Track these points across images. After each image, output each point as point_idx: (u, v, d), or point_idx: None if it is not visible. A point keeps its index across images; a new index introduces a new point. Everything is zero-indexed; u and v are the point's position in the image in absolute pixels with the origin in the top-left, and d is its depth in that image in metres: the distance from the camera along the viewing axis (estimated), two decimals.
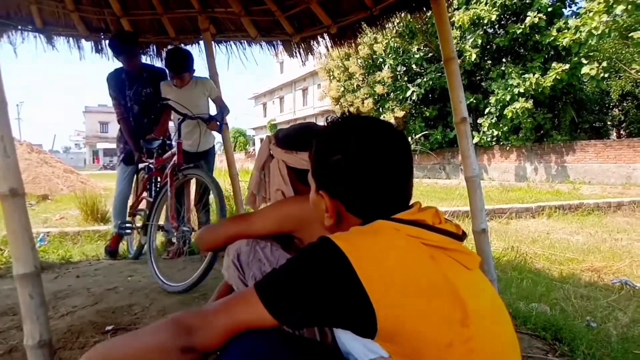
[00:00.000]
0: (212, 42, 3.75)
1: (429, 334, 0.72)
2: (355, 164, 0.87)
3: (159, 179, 3.34)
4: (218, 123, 3.19)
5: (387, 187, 0.88)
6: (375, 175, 0.87)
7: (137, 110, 3.61)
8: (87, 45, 3.75)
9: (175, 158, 2.94)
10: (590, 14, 12.07)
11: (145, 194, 3.52)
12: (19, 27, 3.43)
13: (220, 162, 5.07)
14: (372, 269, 0.74)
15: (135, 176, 3.74)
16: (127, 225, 3.52)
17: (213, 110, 3.54)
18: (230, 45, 3.92)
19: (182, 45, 3.91)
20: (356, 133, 0.90)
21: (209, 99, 3.54)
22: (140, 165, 3.56)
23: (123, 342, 0.89)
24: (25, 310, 1.35)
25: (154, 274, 2.86)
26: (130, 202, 3.77)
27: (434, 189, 12.96)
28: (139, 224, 3.59)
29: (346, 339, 0.82)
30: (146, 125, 3.62)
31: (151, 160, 3.35)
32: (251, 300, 0.79)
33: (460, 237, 0.86)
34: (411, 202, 0.94)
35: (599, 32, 11.83)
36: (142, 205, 3.63)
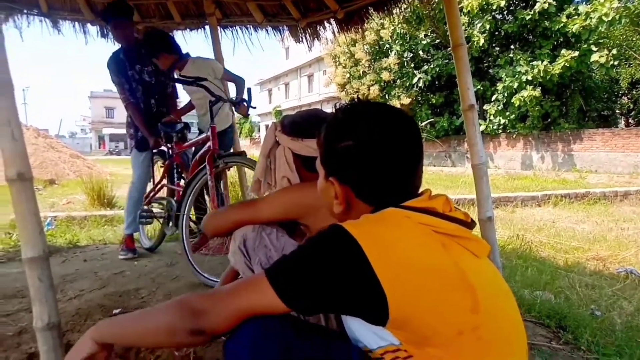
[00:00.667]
0: (218, 27, 3.72)
1: (440, 321, 0.73)
2: (366, 149, 0.87)
3: (178, 165, 3.19)
4: (246, 105, 2.93)
5: (397, 172, 0.87)
6: (385, 160, 0.86)
7: (141, 91, 3.36)
8: (92, 29, 3.72)
9: (209, 144, 2.71)
10: (601, 0, 11.87)
11: (164, 181, 3.36)
12: (25, 11, 3.41)
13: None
14: (385, 257, 0.73)
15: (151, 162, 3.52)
16: (148, 214, 3.30)
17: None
18: (236, 30, 3.88)
19: (188, 30, 3.89)
20: (366, 119, 0.89)
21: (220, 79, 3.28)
22: (154, 150, 3.38)
23: (128, 321, 0.90)
24: (34, 293, 1.36)
25: (192, 269, 2.67)
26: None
27: (440, 176, 12.93)
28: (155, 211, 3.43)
29: (356, 326, 0.82)
30: (154, 107, 3.41)
31: (168, 145, 3.20)
32: (262, 286, 0.79)
33: (470, 225, 0.86)
34: (421, 189, 0.93)
35: (610, 18, 11.67)
36: (158, 193, 3.47)
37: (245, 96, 3.01)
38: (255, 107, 3.11)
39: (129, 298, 2.39)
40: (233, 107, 2.95)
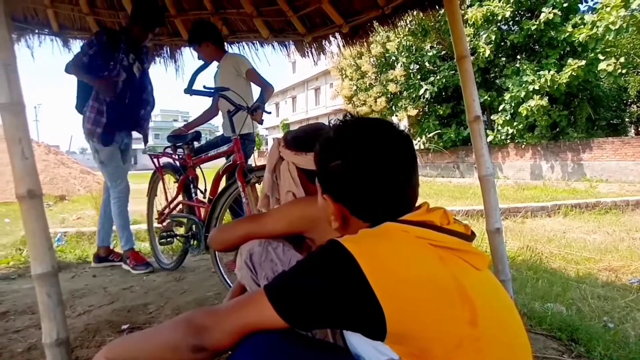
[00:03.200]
0: (225, 43, 3.77)
1: (438, 334, 0.73)
2: (355, 169, 0.87)
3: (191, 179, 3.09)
4: (262, 112, 2.73)
5: (389, 189, 0.87)
6: (375, 179, 0.86)
7: (124, 80, 3.15)
8: None
9: (234, 156, 2.66)
10: (607, 9, 11.87)
11: (179, 197, 3.20)
12: (36, 31, 3.49)
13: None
14: (382, 272, 0.74)
15: (154, 177, 3.46)
16: (169, 233, 3.17)
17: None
18: (243, 46, 3.93)
19: None
20: (355, 138, 0.89)
21: (246, 79, 3.21)
22: (163, 161, 3.32)
23: (136, 339, 0.92)
24: (43, 309, 1.37)
25: (227, 287, 2.59)
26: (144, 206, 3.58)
27: (448, 187, 12.86)
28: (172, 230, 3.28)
29: (356, 341, 0.82)
30: (132, 103, 3.25)
31: (180, 158, 3.14)
32: (261, 302, 0.80)
33: (469, 237, 0.86)
34: (423, 201, 0.93)
35: (617, 27, 11.64)
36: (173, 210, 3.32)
37: (262, 105, 2.81)
38: (270, 113, 2.98)
39: (137, 313, 2.40)
40: (250, 115, 2.74)
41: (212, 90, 2.74)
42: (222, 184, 2.84)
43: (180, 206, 3.25)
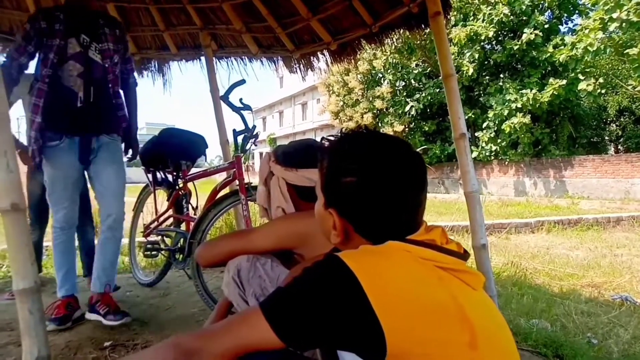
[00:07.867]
0: (214, 58, 3.79)
1: (438, 357, 0.71)
2: (370, 189, 0.84)
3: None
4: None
5: (402, 212, 0.85)
6: (391, 200, 0.84)
7: (78, 80, 2.29)
8: None
9: (233, 171, 2.67)
10: (586, 31, 12.23)
11: (170, 211, 3.13)
12: None
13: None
14: (383, 291, 0.71)
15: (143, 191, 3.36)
16: (154, 246, 3.06)
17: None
18: (231, 61, 3.95)
19: (184, 60, 3.95)
20: (373, 155, 0.86)
21: None
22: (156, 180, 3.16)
23: None
24: (24, 326, 1.34)
25: (208, 303, 2.52)
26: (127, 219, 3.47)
27: (433, 203, 12.93)
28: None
29: None
30: (90, 100, 2.33)
31: (174, 174, 3.06)
32: (256, 321, 0.76)
33: (463, 256, 0.85)
34: None
35: (595, 48, 11.98)
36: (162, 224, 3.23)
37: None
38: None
39: (120, 330, 2.35)
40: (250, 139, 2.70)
41: (245, 106, 2.67)
42: None
43: (169, 220, 3.20)
